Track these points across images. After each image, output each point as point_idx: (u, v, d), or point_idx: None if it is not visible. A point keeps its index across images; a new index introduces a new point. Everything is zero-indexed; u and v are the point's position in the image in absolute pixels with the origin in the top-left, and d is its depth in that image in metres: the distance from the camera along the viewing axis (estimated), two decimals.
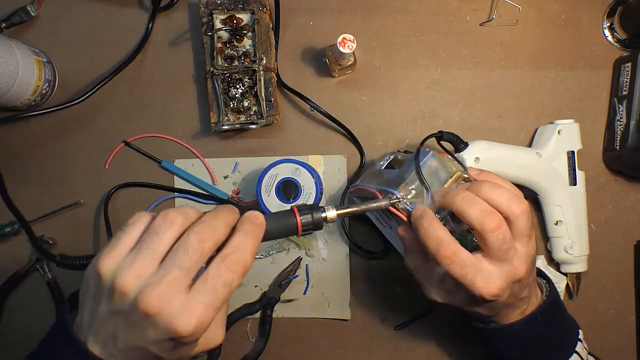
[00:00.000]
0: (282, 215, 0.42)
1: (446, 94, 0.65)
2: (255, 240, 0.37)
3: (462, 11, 0.65)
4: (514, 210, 0.43)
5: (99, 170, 0.66)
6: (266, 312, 0.64)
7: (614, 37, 0.64)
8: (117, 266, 0.34)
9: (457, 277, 0.42)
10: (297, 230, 0.42)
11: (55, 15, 0.67)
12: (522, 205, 0.43)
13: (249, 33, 0.62)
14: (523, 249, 0.44)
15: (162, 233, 0.35)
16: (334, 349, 0.65)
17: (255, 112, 0.63)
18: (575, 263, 0.61)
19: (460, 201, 0.43)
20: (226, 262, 0.35)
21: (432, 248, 0.43)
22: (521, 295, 0.46)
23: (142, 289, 0.33)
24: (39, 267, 0.65)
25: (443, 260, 0.42)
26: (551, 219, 0.61)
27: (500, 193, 0.43)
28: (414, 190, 0.46)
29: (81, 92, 0.64)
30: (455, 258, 0.42)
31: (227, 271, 0.34)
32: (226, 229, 0.37)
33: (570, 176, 0.60)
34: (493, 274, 0.42)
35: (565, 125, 0.61)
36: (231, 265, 0.35)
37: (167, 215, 0.35)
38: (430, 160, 0.47)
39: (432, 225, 0.44)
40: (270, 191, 0.58)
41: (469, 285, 0.42)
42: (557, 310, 0.50)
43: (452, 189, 0.45)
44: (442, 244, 0.43)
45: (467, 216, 0.42)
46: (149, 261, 0.34)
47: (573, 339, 0.50)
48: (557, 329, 0.50)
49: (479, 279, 0.42)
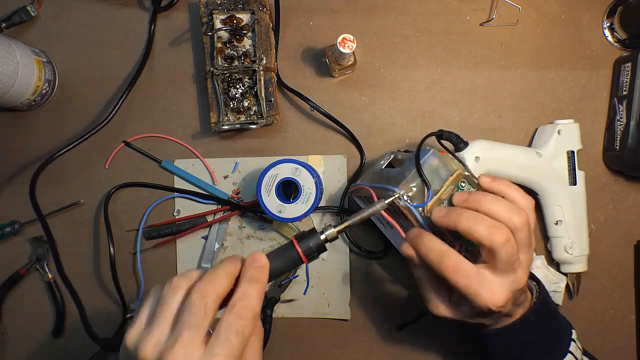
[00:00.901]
0: (282, 250, 0.43)
1: (446, 94, 0.65)
2: (260, 284, 0.39)
3: (462, 11, 0.65)
4: (515, 222, 0.43)
5: (99, 170, 0.66)
6: (266, 312, 0.64)
7: (614, 37, 0.64)
8: (138, 338, 0.36)
9: (461, 289, 0.43)
10: (301, 260, 0.43)
11: (55, 15, 0.67)
12: (523, 217, 0.44)
13: (249, 33, 0.62)
14: (524, 257, 0.44)
15: (169, 299, 0.37)
16: (334, 349, 0.65)
17: (255, 112, 0.63)
18: (575, 263, 0.61)
19: (465, 220, 0.43)
20: (234, 312, 0.36)
21: (434, 261, 0.43)
22: (520, 301, 0.46)
23: (160, 354, 0.34)
24: (39, 267, 0.66)
25: (447, 271, 0.43)
26: (551, 219, 0.61)
27: (500, 205, 0.44)
28: (415, 188, 0.46)
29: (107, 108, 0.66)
30: (459, 269, 0.43)
31: (237, 320, 0.36)
32: (228, 280, 0.38)
33: (570, 176, 0.60)
34: (498, 285, 0.43)
35: (565, 125, 0.61)
36: (240, 313, 0.36)
37: (172, 282, 0.38)
38: (431, 158, 0.47)
39: (430, 240, 0.44)
40: (270, 191, 0.58)
41: (473, 297, 0.42)
42: (549, 311, 0.50)
43: (452, 210, 0.45)
44: (444, 255, 0.43)
45: (475, 233, 0.42)
46: (162, 328, 0.36)
47: (566, 339, 0.50)
48: (550, 330, 0.50)
49: (484, 289, 0.42)
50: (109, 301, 0.66)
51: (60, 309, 0.66)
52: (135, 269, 0.66)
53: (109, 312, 0.65)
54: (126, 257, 0.66)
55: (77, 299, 0.62)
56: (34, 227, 0.66)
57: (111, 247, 0.64)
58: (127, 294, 0.65)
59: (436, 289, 0.48)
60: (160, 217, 0.66)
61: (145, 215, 0.65)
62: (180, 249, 0.66)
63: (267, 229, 0.65)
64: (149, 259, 0.66)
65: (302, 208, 0.58)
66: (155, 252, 0.66)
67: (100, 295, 0.66)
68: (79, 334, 0.66)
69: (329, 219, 0.65)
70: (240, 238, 0.66)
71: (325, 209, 0.64)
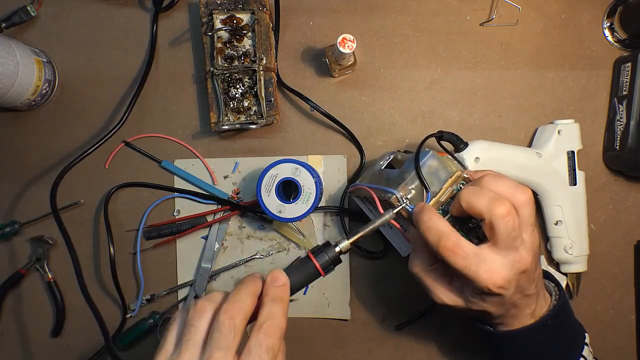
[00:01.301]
0: (300, 265, 0.44)
1: (446, 94, 0.65)
2: (283, 302, 0.40)
3: (462, 11, 0.65)
4: (519, 197, 0.42)
5: (99, 170, 0.66)
6: None
7: (614, 37, 0.64)
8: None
9: (460, 269, 0.41)
10: (319, 274, 0.44)
11: (55, 15, 0.67)
12: (527, 193, 0.43)
13: (249, 33, 0.62)
14: (528, 238, 0.43)
15: (196, 322, 0.38)
16: (334, 349, 0.65)
17: (255, 112, 0.63)
18: (575, 263, 0.61)
19: (467, 194, 0.42)
20: (263, 331, 0.38)
21: (433, 242, 0.42)
22: (528, 292, 0.44)
23: None
24: (39, 267, 0.66)
25: (444, 252, 0.42)
26: (551, 219, 0.61)
27: (503, 182, 0.43)
28: (414, 190, 0.46)
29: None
30: (457, 249, 0.41)
31: (266, 338, 0.37)
32: (252, 299, 0.40)
33: (570, 176, 0.60)
34: (498, 264, 0.41)
35: (565, 125, 0.61)
36: (268, 332, 0.38)
37: (197, 306, 0.39)
38: (430, 160, 0.47)
39: (431, 218, 0.43)
40: (270, 191, 0.58)
41: (473, 277, 0.41)
42: (567, 315, 0.49)
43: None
44: (443, 235, 0.42)
45: (475, 206, 0.42)
46: (192, 351, 0.37)
47: (580, 343, 0.49)
48: (567, 334, 0.49)
49: (483, 269, 0.41)
50: (108, 301, 0.66)
51: (60, 309, 0.66)
52: (135, 269, 0.66)
53: (108, 312, 0.65)
54: (126, 257, 0.66)
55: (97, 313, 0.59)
56: (34, 227, 0.66)
57: (111, 247, 0.64)
58: (127, 294, 0.65)
59: (435, 277, 0.47)
60: (160, 217, 0.66)
61: (145, 215, 0.65)
62: (180, 249, 0.66)
63: (267, 229, 0.65)
64: (148, 259, 0.66)
65: (302, 208, 0.58)
66: (155, 252, 0.66)
67: (100, 295, 0.66)
68: (79, 334, 0.66)
69: (329, 219, 0.65)
70: (240, 238, 0.66)
71: (325, 209, 0.64)
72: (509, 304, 0.44)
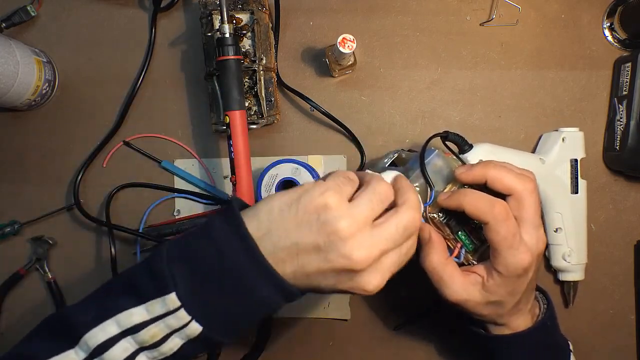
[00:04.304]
0: None
1: (446, 94, 0.65)
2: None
3: (462, 11, 0.65)
4: (527, 186, 0.44)
5: (98, 170, 0.66)
6: None
7: (614, 37, 0.64)
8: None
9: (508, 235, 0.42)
10: None
11: (55, 15, 0.67)
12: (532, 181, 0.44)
13: (249, 33, 0.62)
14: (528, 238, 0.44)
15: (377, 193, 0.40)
16: (334, 349, 0.65)
17: (256, 112, 0.63)
18: (573, 271, 0.61)
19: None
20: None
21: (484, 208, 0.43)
22: (532, 285, 0.46)
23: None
24: (39, 267, 0.65)
25: (499, 216, 0.42)
26: (551, 226, 0.60)
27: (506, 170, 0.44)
28: (418, 188, 0.46)
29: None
30: (510, 214, 0.43)
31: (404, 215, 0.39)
32: None
33: (572, 184, 0.60)
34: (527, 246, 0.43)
35: (569, 133, 0.61)
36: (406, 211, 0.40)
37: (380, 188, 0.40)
38: (435, 159, 0.47)
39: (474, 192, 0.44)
40: (270, 191, 0.58)
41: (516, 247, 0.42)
42: (556, 323, 0.50)
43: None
44: (495, 202, 0.43)
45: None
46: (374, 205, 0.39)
47: (567, 350, 0.50)
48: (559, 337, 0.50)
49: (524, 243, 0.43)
50: None
51: None
52: None
53: None
54: (126, 257, 0.66)
55: None
56: (34, 227, 0.66)
57: (112, 248, 0.64)
58: None
59: (452, 270, 0.46)
60: (160, 217, 0.66)
61: (145, 215, 0.65)
62: None
63: None
64: None
65: None
66: None
67: None
68: None
69: None
70: None
71: None
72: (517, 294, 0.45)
